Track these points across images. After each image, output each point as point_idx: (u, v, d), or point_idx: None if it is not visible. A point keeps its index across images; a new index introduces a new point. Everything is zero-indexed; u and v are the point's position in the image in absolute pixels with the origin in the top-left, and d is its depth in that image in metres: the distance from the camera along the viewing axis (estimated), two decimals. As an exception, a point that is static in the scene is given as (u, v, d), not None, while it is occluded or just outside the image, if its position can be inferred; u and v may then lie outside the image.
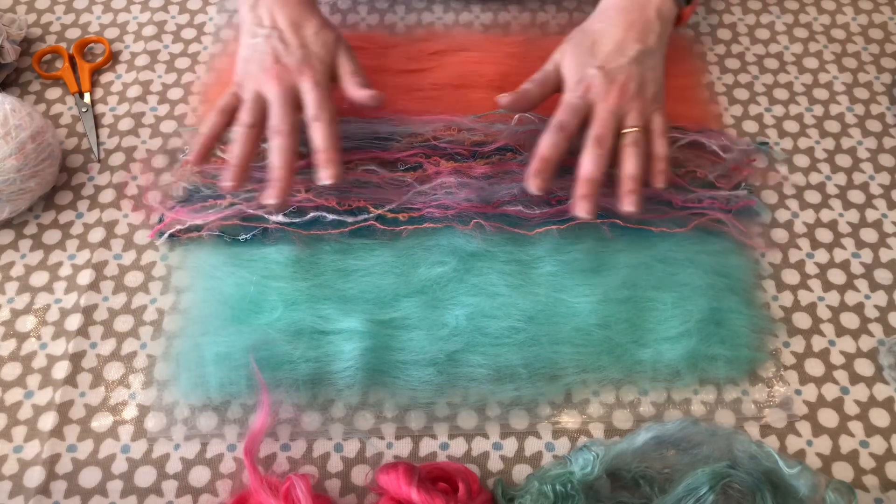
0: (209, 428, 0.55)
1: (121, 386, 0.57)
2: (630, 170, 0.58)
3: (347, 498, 0.53)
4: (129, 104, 0.71)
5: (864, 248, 0.64)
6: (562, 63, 0.62)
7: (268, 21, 0.62)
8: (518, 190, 0.61)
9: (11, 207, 0.61)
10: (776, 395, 0.57)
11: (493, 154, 0.64)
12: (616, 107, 0.58)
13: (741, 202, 0.63)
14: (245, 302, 0.57)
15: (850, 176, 0.68)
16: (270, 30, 0.61)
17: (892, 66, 0.75)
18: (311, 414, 0.55)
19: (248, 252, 0.60)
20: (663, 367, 0.56)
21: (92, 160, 0.67)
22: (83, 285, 0.61)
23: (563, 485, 0.49)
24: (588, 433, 0.55)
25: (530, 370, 0.55)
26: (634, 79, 0.60)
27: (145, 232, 0.63)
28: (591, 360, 0.56)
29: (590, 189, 0.56)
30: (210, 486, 0.53)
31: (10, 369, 0.57)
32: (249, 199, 0.62)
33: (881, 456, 0.55)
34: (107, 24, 0.76)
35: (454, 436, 0.55)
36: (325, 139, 0.58)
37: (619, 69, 0.60)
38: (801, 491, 0.50)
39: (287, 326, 0.56)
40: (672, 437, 0.52)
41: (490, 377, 0.55)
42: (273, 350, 0.55)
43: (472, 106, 0.68)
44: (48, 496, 0.52)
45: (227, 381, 0.54)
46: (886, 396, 0.57)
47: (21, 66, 0.73)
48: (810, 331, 0.60)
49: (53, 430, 0.55)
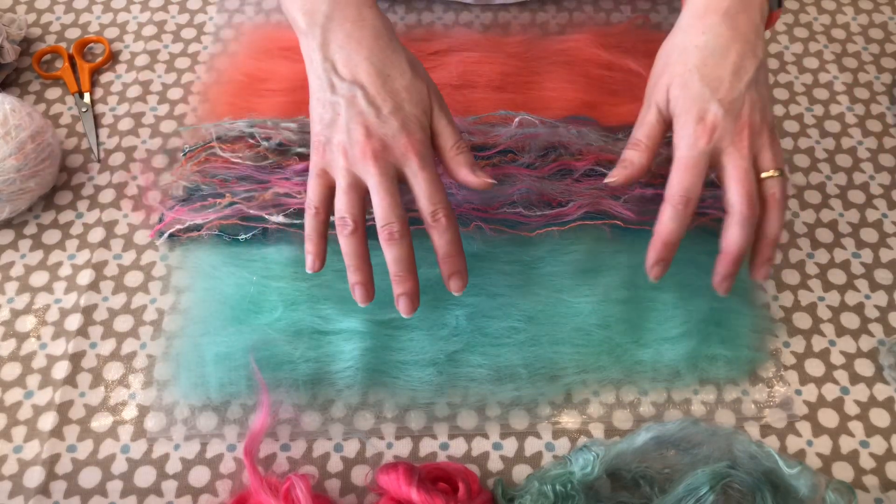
0: (209, 428, 0.55)
1: (120, 386, 0.56)
2: (774, 231, 0.51)
3: (347, 498, 0.53)
4: (128, 104, 0.71)
5: (865, 248, 0.64)
6: (667, 104, 0.52)
7: (346, 72, 0.51)
8: (518, 195, 0.61)
9: (11, 207, 0.61)
10: (776, 395, 0.57)
11: (494, 156, 0.64)
12: (750, 151, 0.50)
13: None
14: (245, 302, 0.57)
15: (850, 176, 0.68)
16: (351, 85, 0.50)
17: (892, 66, 0.75)
18: (311, 414, 0.55)
19: (248, 252, 0.60)
20: (663, 367, 0.56)
21: (92, 160, 0.67)
22: (83, 285, 0.61)
23: (563, 485, 0.49)
24: (588, 433, 0.55)
25: (530, 370, 0.55)
26: (758, 105, 0.51)
27: (145, 232, 0.63)
28: (591, 360, 0.56)
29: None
30: (210, 487, 0.53)
31: (9, 369, 0.57)
32: (249, 198, 0.62)
33: (881, 456, 0.55)
34: (107, 23, 0.76)
35: (454, 436, 0.55)
36: (449, 244, 0.50)
37: (740, 99, 0.50)
38: (801, 491, 0.50)
39: (287, 327, 0.56)
40: (672, 437, 0.52)
41: (490, 377, 0.55)
42: (273, 350, 0.55)
43: (473, 106, 0.68)
44: (48, 496, 0.52)
45: (226, 382, 0.54)
46: (887, 396, 0.57)
47: (21, 66, 0.73)
48: (810, 331, 0.60)
49: (53, 431, 0.55)
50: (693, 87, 0.51)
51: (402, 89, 0.51)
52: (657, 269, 0.51)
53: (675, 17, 0.76)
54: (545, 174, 0.62)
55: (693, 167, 0.50)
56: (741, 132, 0.50)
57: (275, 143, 0.64)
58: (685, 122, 0.51)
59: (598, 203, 0.61)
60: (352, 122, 0.50)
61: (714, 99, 0.50)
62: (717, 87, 0.50)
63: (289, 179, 0.62)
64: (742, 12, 0.52)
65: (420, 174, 0.50)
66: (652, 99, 0.53)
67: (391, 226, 0.49)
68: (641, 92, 0.70)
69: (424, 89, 0.52)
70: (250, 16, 0.77)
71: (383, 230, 0.49)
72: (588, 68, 0.71)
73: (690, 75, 0.51)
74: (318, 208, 0.52)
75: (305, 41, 0.52)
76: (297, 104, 0.68)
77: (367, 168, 0.49)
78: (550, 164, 0.63)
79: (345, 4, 0.52)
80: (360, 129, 0.50)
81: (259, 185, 0.62)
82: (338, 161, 0.50)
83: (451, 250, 0.51)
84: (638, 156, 0.53)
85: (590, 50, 0.72)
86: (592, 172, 0.63)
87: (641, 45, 0.72)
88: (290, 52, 0.72)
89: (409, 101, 0.51)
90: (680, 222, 0.50)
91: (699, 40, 0.52)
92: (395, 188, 0.50)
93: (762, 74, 0.52)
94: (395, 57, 0.51)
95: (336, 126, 0.50)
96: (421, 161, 0.50)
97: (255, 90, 0.69)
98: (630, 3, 0.78)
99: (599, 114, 0.68)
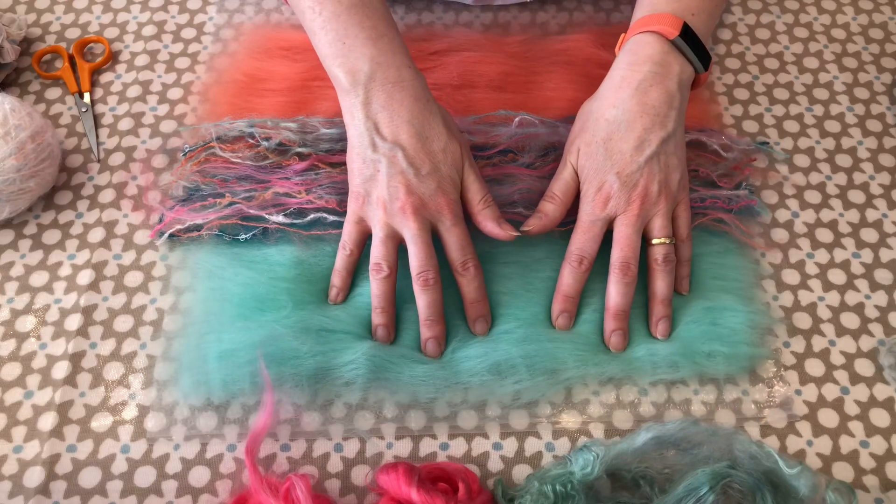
0: (209, 428, 0.55)
1: (120, 386, 0.56)
2: (662, 292, 0.57)
3: (347, 498, 0.53)
4: (128, 104, 0.71)
5: (865, 248, 0.64)
6: (577, 167, 0.57)
7: (388, 133, 0.55)
8: (518, 195, 0.61)
9: (11, 207, 0.61)
10: (776, 395, 0.57)
11: (494, 156, 0.64)
12: (638, 218, 0.55)
13: (742, 202, 0.63)
14: (252, 300, 0.57)
15: (850, 176, 0.68)
16: (393, 146, 0.54)
17: (892, 66, 0.75)
18: (311, 414, 0.55)
19: (249, 252, 0.60)
20: (663, 365, 0.56)
21: (92, 160, 0.67)
22: (83, 285, 0.61)
23: (563, 485, 0.49)
24: (588, 433, 0.55)
25: (530, 369, 0.55)
26: (656, 177, 0.55)
27: (145, 232, 0.63)
28: (590, 357, 0.56)
29: (621, 323, 0.56)
30: (210, 487, 0.53)
31: (9, 369, 0.57)
32: (249, 198, 0.62)
33: (881, 456, 0.55)
34: (106, 23, 0.76)
35: (454, 436, 0.55)
36: (476, 291, 0.56)
37: (638, 172, 0.55)
38: (801, 491, 0.50)
39: (295, 323, 0.56)
40: (672, 437, 0.52)
41: (490, 375, 0.55)
42: (279, 345, 0.54)
43: (473, 106, 0.68)
44: (48, 496, 0.52)
45: (230, 379, 0.54)
46: (887, 396, 0.57)
47: (21, 66, 0.73)
48: (810, 331, 0.60)
49: (53, 431, 0.55)
50: (597, 158, 0.56)
51: (438, 151, 0.55)
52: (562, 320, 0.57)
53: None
54: (545, 174, 0.62)
55: (588, 231, 0.56)
56: (632, 202, 0.55)
57: (275, 143, 0.64)
58: (586, 189, 0.57)
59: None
60: (392, 179, 0.54)
61: (613, 172, 0.55)
62: (618, 161, 0.55)
63: (289, 179, 0.62)
64: (655, 86, 0.56)
65: (453, 229, 0.55)
66: (568, 158, 0.58)
67: (426, 273, 0.54)
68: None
69: (458, 150, 0.56)
70: (250, 16, 0.77)
71: (419, 277, 0.54)
72: (588, 68, 0.71)
73: (597, 147, 0.56)
74: (352, 250, 0.58)
75: (348, 98, 0.56)
76: (297, 104, 0.68)
77: (406, 222, 0.54)
78: (550, 163, 0.63)
79: (387, 66, 0.55)
80: (402, 187, 0.54)
81: (259, 185, 0.62)
82: (377, 214, 0.55)
83: (478, 296, 0.56)
84: (553, 208, 0.57)
85: (590, 50, 0.72)
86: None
87: (641, 46, 0.73)
88: (290, 52, 0.72)
89: (444, 163, 0.55)
90: (577, 278, 0.57)
91: (609, 114, 0.56)
92: (430, 241, 0.55)
93: (670, 143, 0.56)
94: (433, 119, 0.56)
95: (376, 182, 0.55)
96: (454, 218, 0.55)
97: (255, 90, 0.70)
98: (630, 3, 0.78)
99: (599, 114, 0.68)
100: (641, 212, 0.55)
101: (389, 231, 0.55)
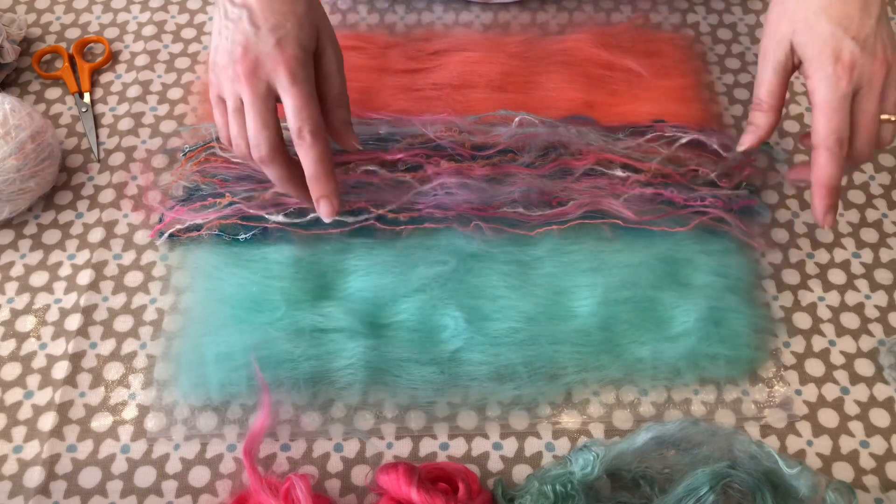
0: (209, 428, 0.55)
1: (120, 386, 0.56)
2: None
3: (347, 498, 0.53)
4: (128, 104, 0.71)
5: (865, 248, 0.64)
6: (794, 50, 0.50)
7: None
8: (518, 193, 0.61)
9: (11, 207, 0.61)
10: (776, 395, 0.57)
11: (494, 156, 0.64)
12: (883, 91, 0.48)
13: (742, 202, 0.63)
14: (246, 301, 0.57)
15: (850, 176, 0.68)
16: (241, 8, 0.50)
17: (892, 66, 0.75)
18: (311, 414, 0.55)
19: (249, 252, 0.60)
20: (664, 366, 0.56)
21: (92, 160, 0.67)
22: (83, 285, 0.61)
23: (563, 485, 0.49)
24: (588, 433, 0.55)
25: (530, 370, 0.55)
26: (889, 44, 0.48)
27: (145, 232, 0.63)
28: (591, 359, 0.56)
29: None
30: (210, 487, 0.53)
31: (9, 369, 0.57)
32: (249, 198, 0.62)
33: (881, 456, 0.55)
34: (106, 23, 0.76)
35: (454, 436, 0.55)
36: (315, 164, 0.50)
37: (873, 35, 0.48)
38: (801, 491, 0.50)
39: (288, 326, 0.56)
40: (672, 437, 0.52)
41: (490, 377, 0.55)
42: (274, 349, 0.55)
43: (473, 106, 0.68)
44: (48, 496, 0.52)
45: (227, 382, 0.54)
46: (887, 396, 0.57)
47: (21, 65, 0.73)
48: (810, 331, 0.60)
49: (53, 431, 0.55)
50: (821, 28, 0.48)
51: (288, 11, 0.50)
52: (830, 216, 0.50)
53: (675, 17, 0.77)
54: (545, 174, 0.62)
55: (839, 109, 0.48)
56: (877, 72, 0.48)
57: (275, 143, 0.64)
58: (820, 64, 0.48)
59: (598, 202, 0.61)
60: (234, 42, 0.49)
61: (847, 37, 0.48)
62: (848, 26, 0.48)
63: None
64: None
65: (290, 89, 0.49)
66: (769, 52, 0.51)
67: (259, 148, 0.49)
68: (641, 92, 0.70)
69: (313, 17, 0.51)
70: (250, 16, 0.77)
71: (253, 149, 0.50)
72: (588, 68, 0.71)
73: (816, 17, 0.49)
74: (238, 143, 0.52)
75: None
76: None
77: (241, 87, 0.49)
78: (550, 163, 0.63)
79: None
80: (239, 48, 0.49)
81: (259, 185, 0.62)
82: (223, 82, 0.50)
83: (318, 170, 0.50)
84: (763, 116, 0.52)
85: (590, 50, 0.72)
86: (592, 172, 0.63)
87: (641, 45, 0.73)
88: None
89: (290, 21, 0.49)
90: (837, 164, 0.49)
91: None
92: (269, 112, 0.50)
93: (884, 9, 0.50)
94: None
95: (221, 48, 0.51)
96: (292, 77, 0.49)
97: (254, 90, 0.69)
98: (630, 3, 0.78)
99: (599, 114, 0.68)
100: (885, 82, 0.48)
101: (236, 102, 0.50)
